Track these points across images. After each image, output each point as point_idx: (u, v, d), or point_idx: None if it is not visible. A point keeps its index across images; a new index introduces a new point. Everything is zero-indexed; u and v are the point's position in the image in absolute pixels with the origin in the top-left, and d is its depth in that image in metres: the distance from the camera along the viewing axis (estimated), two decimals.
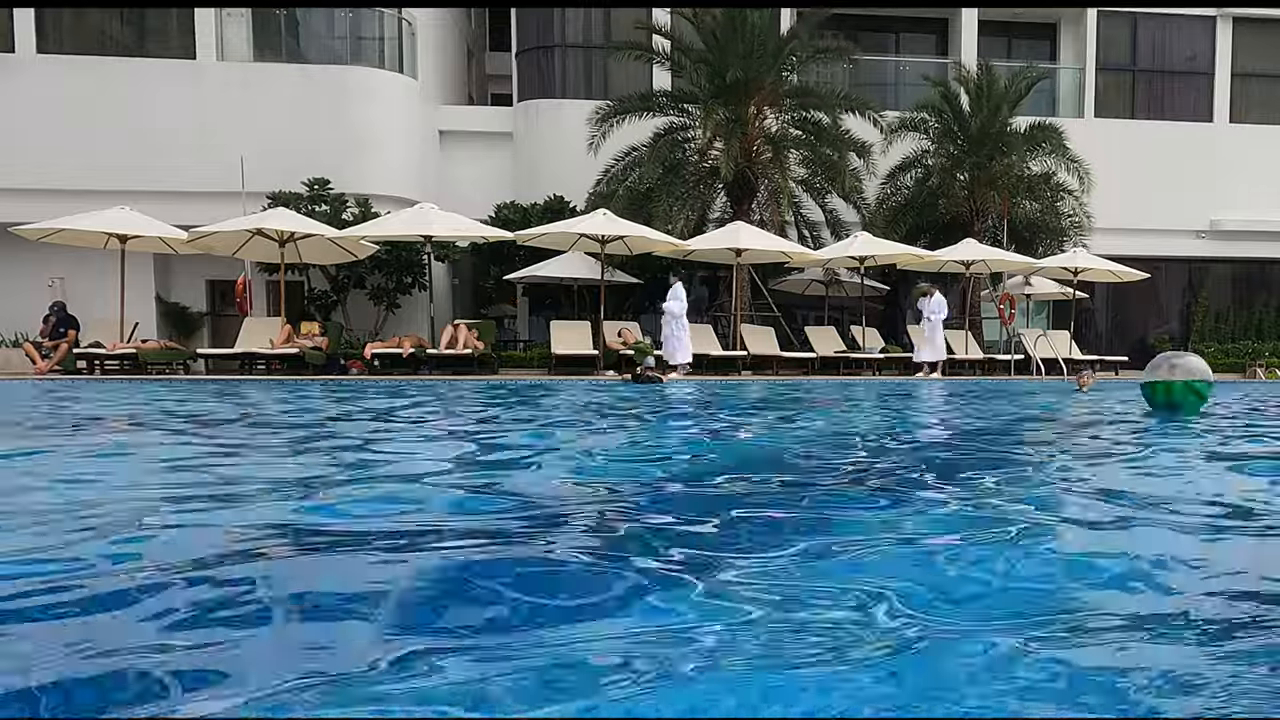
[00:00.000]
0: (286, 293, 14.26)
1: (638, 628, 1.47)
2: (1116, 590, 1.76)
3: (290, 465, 3.69)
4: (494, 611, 1.59)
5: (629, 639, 1.40)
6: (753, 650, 1.34)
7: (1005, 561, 1.96)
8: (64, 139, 15.58)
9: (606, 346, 14.10)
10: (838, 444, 4.80)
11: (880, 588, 1.66)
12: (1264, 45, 19.70)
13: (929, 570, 1.90)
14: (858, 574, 1.79)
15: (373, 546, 2.10)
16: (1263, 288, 20.13)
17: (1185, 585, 1.82)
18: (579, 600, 1.67)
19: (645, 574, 1.80)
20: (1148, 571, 1.88)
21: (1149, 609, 1.65)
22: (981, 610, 1.62)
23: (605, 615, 1.57)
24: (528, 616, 1.56)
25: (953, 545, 2.11)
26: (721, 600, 1.61)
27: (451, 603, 1.67)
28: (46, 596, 1.64)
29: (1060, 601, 1.68)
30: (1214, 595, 1.74)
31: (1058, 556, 2.07)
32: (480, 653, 1.34)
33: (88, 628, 1.49)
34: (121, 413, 6.67)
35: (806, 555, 1.97)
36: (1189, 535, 2.28)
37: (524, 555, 2.02)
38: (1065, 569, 1.93)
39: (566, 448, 4.48)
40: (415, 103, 17.38)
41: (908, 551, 2.09)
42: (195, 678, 1.23)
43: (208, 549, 2.01)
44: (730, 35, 15.19)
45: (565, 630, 1.47)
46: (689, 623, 1.48)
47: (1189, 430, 5.28)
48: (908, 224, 17.17)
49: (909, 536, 2.25)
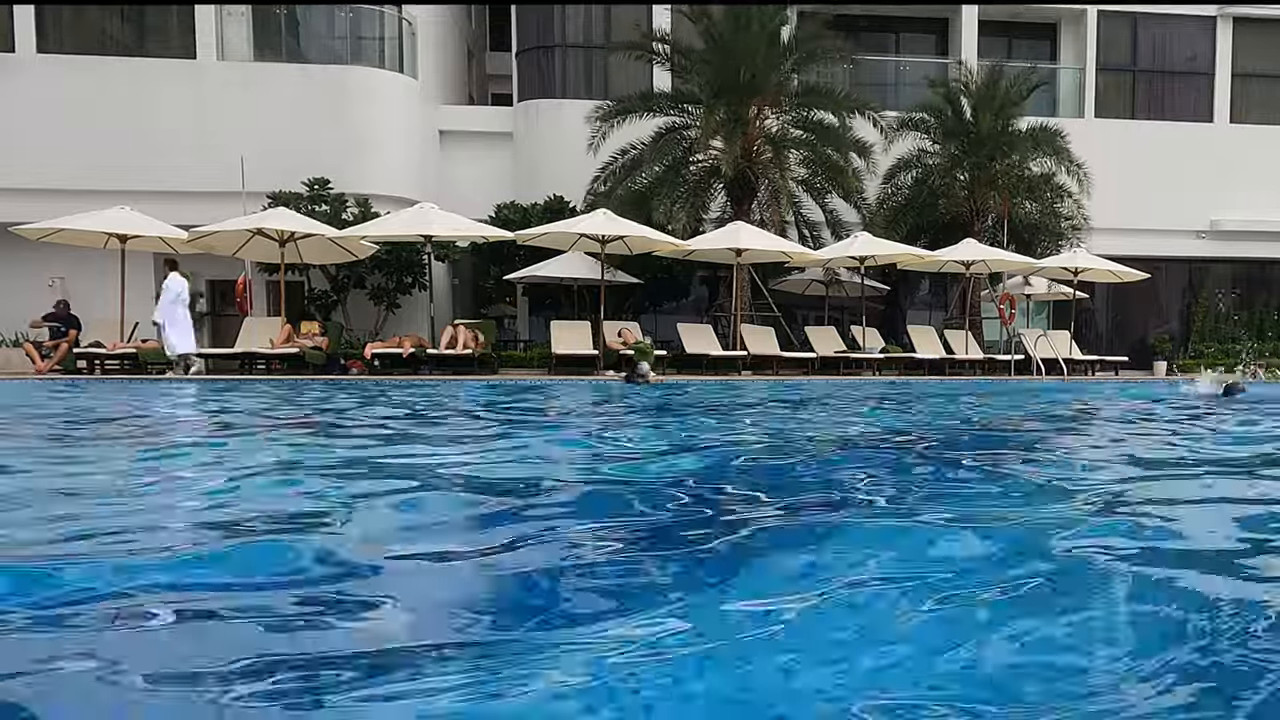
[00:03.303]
0: (286, 293, 14.26)
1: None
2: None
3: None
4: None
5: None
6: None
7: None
8: (64, 139, 15.57)
9: (606, 346, 14.10)
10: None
11: None
12: (1264, 45, 19.69)
13: None
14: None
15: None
16: (1263, 288, 20.13)
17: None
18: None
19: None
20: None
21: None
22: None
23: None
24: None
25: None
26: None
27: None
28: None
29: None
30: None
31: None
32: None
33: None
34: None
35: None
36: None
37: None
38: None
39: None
40: (415, 103, 17.37)
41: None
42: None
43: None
44: (732, 35, 15.18)
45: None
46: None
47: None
48: (908, 224, 17.16)
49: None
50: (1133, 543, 2.17)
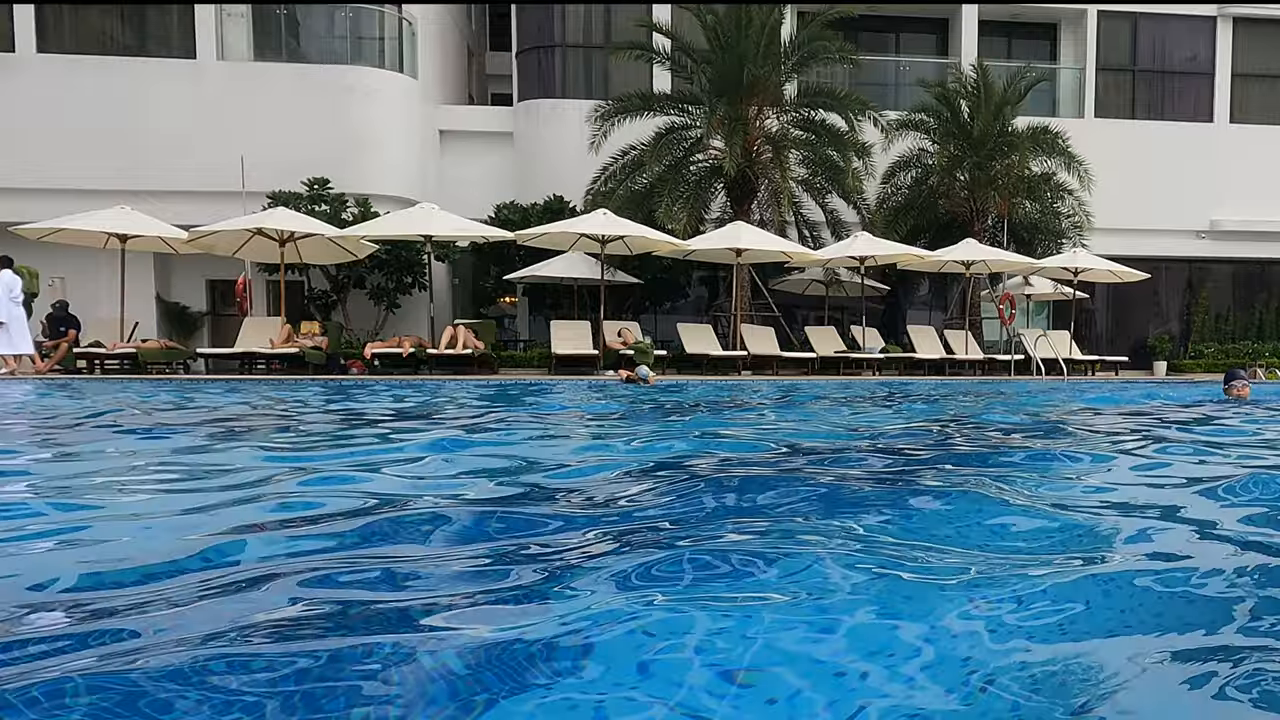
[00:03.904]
0: (286, 292, 14.26)
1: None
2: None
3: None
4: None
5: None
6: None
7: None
8: (64, 139, 15.57)
9: (606, 346, 14.09)
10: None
11: None
12: (1264, 45, 19.69)
13: None
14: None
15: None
16: (1263, 288, 20.12)
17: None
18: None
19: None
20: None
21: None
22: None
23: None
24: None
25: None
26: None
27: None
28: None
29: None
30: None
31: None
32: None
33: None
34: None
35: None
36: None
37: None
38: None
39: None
40: (415, 102, 17.37)
41: None
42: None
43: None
44: (732, 34, 15.17)
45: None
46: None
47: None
48: (908, 224, 17.17)
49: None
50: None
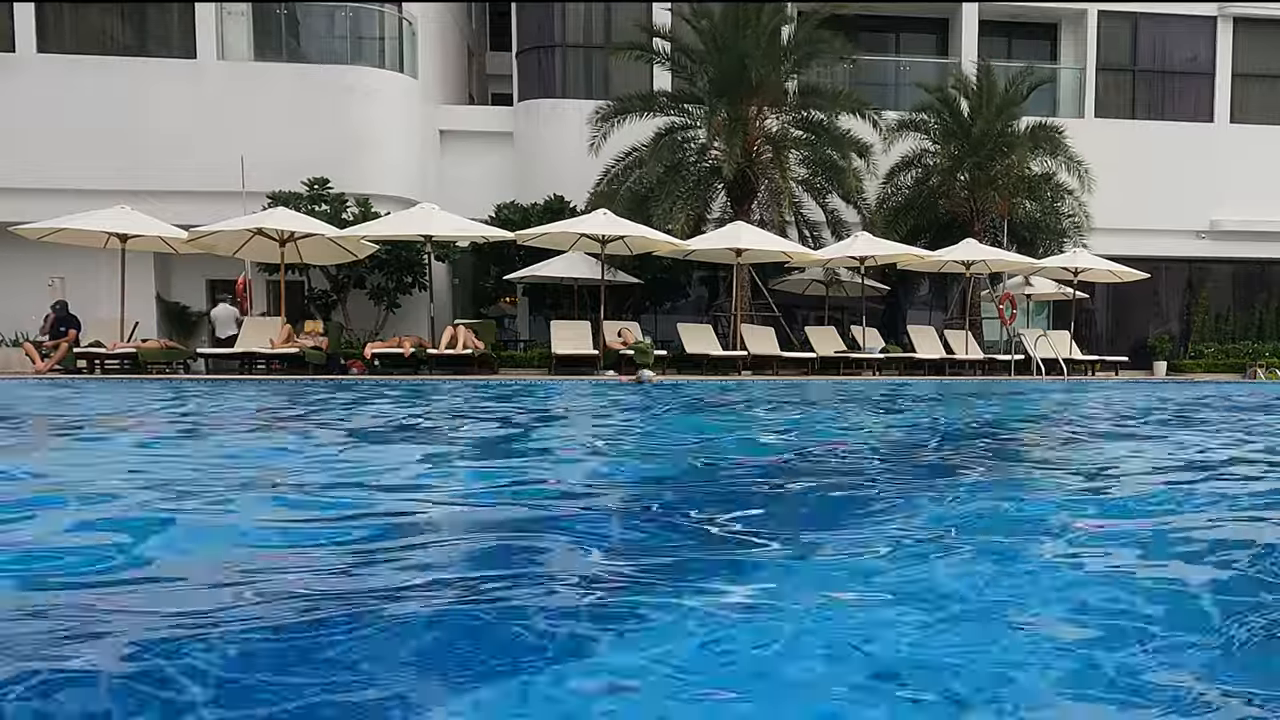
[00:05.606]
0: (286, 292, 14.26)
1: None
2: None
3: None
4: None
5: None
6: None
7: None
8: (64, 139, 15.56)
9: (607, 346, 14.09)
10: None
11: None
12: (1264, 45, 19.68)
13: None
14: None
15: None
16: (1263, 288, 20.12)
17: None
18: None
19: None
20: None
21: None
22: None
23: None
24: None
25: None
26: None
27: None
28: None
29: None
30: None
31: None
32: None
33: None
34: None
35: None
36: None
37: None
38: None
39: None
40: (415, 102, 17.37)
41: None
42: None
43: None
44: (732, 35, 15.17)
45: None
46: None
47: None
48: (908, 224, 17.15)
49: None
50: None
